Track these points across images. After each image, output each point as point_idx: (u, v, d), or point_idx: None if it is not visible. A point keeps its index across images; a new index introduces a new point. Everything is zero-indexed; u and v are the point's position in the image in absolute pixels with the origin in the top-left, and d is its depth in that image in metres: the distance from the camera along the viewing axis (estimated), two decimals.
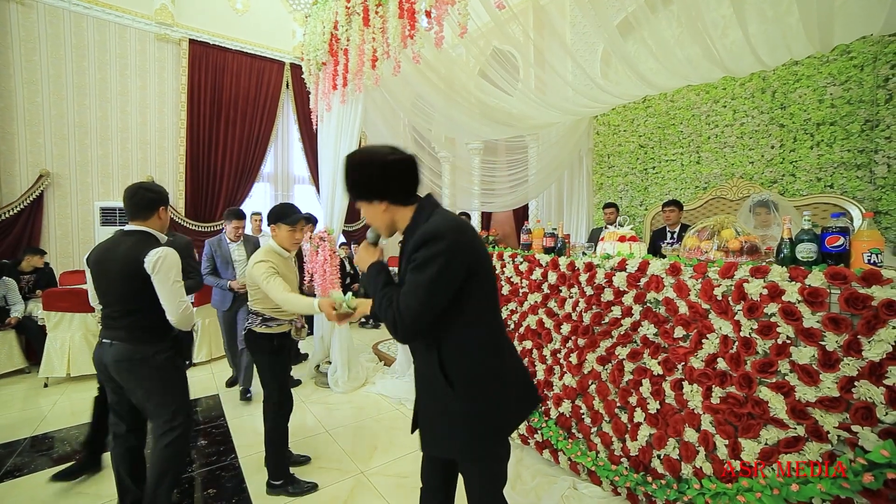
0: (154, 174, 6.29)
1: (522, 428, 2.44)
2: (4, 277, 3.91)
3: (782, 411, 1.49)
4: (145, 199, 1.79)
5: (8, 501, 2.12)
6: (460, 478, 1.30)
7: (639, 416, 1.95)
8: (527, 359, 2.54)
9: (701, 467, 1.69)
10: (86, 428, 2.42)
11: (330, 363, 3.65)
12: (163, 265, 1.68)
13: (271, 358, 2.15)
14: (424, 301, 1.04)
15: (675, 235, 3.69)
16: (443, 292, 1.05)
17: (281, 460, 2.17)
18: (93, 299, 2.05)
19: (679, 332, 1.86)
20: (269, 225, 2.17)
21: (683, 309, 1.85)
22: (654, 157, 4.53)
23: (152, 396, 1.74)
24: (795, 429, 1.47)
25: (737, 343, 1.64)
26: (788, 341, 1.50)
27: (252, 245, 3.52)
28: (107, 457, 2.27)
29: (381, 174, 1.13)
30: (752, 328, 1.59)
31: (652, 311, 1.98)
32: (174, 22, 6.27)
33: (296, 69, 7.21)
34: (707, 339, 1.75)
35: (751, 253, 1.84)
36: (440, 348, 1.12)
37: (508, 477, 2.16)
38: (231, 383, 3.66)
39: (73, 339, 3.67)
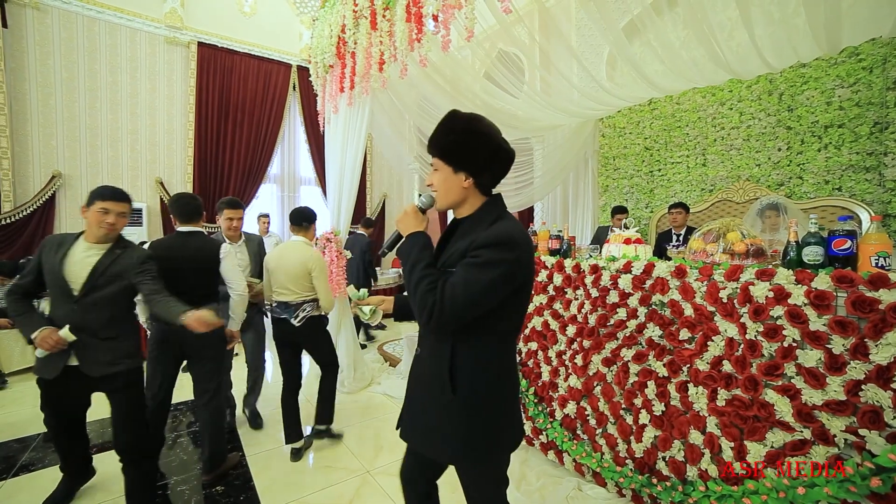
0: (163, 175, 6.38)
1: (528, 429, 2.45)
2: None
3: (788, 414, 1.49)
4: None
5: (23, 495, 2.16)
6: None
7: (644, 417, 1.95)
8: (532, 360, 2.55)
9: (706, 469, 1.69)
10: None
11: None
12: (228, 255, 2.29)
13: (327, 332, 2.69)
14: (475, 301, 0.98)
15: (681, 238, 3.68)
16: (493, 299, 1.00)
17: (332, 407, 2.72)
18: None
19: (684, 334, 1.86)
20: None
21: (689, 311, 1.85)
22: (659, 159, 4.53)
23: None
24: (802, 432, 1.47)
25: (742, 345, 1.64)
26: (794, 344, 1.50)
27: (256, 245, 2.93)
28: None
29: (488, 153, 1.07)
30: (757, 331, 1.59)
31: (657, 314, 1.98)
32: (183, 25, 6.35)
33: (302, 71, 7.27)
34: (712, 341, 1.75)
35: (757, 256, 1.84)
36: (454, 350, 1.07)
37: (513, 477, 2.19)
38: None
39: None
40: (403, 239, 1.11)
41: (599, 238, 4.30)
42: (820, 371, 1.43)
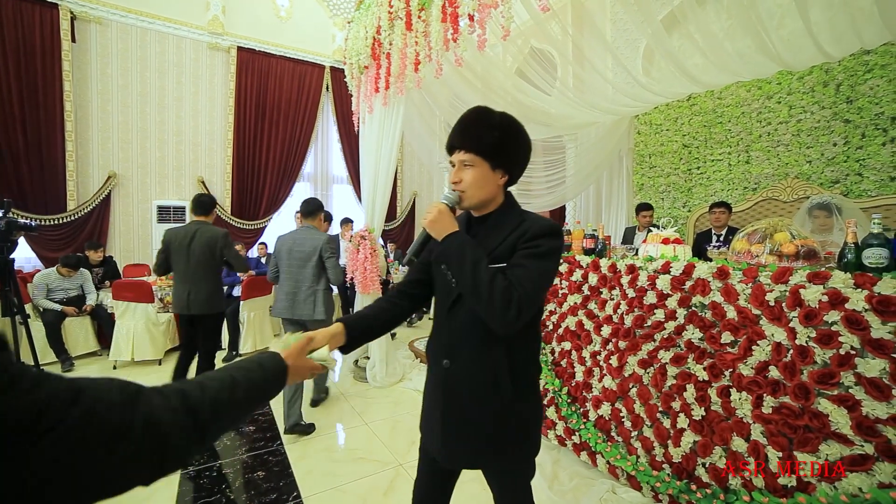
0: (204, 175, 6.71)
1: (560, 429, 2.43)
2: (82, 269, 4.32)
3: (846, 426, 1.41)
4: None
5: None
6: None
7: (682, 421, 1.90)
8: (565, 360, 2.53)
9: (751, 479, 1.64)
10: None
11: (368, 358, 3.77)
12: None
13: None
14: (542, 290, 0.99)
15: (722, 238, 3.54)
16: (549, 287, 1.03)
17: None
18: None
19: (727, 337, 1.80)
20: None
21: (732, 314, 1.79)
22: (699, 156, 4.36)
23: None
24: (863, 446, 1.38)
25: (791, 351, 1.57)
26: (853, 352, 1.42)
27: None
28: None
29: (525, 151, 1.08)
30: (809, 336, 1.52)
31: (697, 315, 1.93)
32: (224, 31, 6.65)
33: (335, 72, 7.46)
34: (758, 345, 1.68)
35: (808, 258, 1.75)
36: (511, 348, 1.04)
37: (545, 477, 2.18)
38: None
39: (137, 326, 3.99)
40: (445, 239, 1.01)
41: (627, 238, 4.18)
42: (884, 382, 1.35)
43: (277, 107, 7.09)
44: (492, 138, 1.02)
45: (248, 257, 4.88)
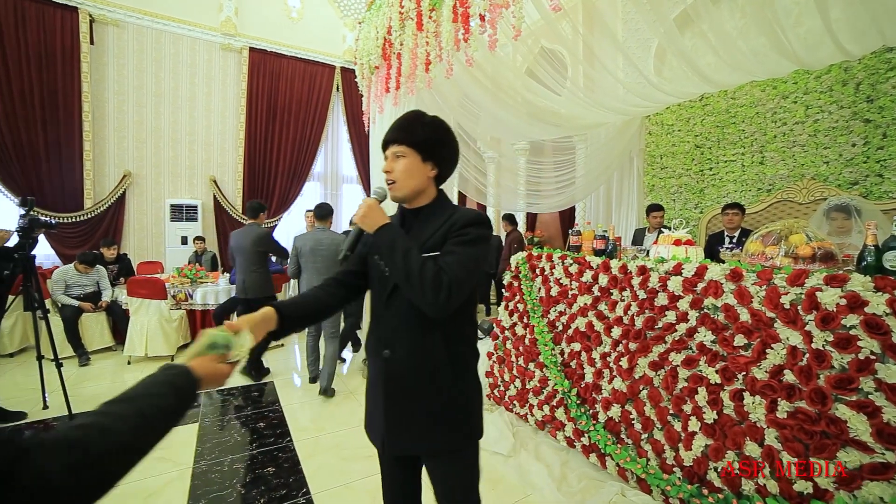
0: (216, 174, 6.80)
1: (569, 430, 2.42)
2: (98, 265, 4.41)
3: (866, 433, 1.38)
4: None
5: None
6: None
7: (693, 425, 1.88)
8: (574, 361, 2.51)
9: (765, 485, 1.61)
10: None
11: None
12: None
13: None
14: (471, 273, 1.04)
15: (735, 240, 3.48)
16: (477, 271, 1.08)
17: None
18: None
19: (740, 340, 1.78)
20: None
21: (745, 316, 1.76)
22: (711, 157, 4.30)
23: None
24: (884, 454, 1.35)
25: (807, 355, 1.55)
26: (873, 357, 1.39)
27: None
28: None
29: (454, 148, 1.18)
30: (826, 340, 1.49)
31: (709, 318, 1.90)
32: (236, 32, 6.74)
33: (346, 73, 7.51)
34: (772, 349, 1.66)
35: (825, 260, 1.72)
36: (448, 333, 1.10)
37: (554, 478, 2.17)
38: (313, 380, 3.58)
39: (150, 322, 4.06)
40: (377, 232, 1.06)
41: (637, 240, 4.14)
42: None
43: (288, 107, 7.16)
44: (423, 133, 1.11)
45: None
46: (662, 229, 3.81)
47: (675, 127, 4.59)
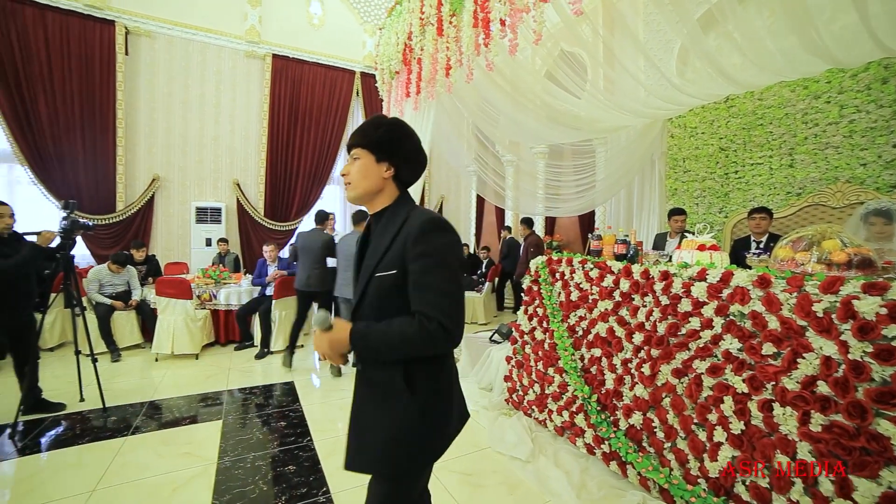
0: (239, 177, 7.00)
1: (589, 437, 2.39)
2: (129, 266, 4.59)
3: None
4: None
5: (142, 451, 2.53)
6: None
7: (719, 435, 1.83)
8: (595, 367, 2.48)
9: (798, 501, 1.55)
10: (195, 398, 2.82)
11: None
12: None
13: None
14: (454, 293, 1.00)
15: (762, 245, 3.38)
16: (460, 282, 1.04)
17: None
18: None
19: (768, 348, 1.72)
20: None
21: (774, 324, 1.71)
22: (736, 160, 4.19)
23: None
24: None
25: (843, 366, 1.49)
26: None
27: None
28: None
29: (411, 149, 1.15)
30: (864, 351, 1.43)
31: (736, 325, 1.85)
32: (260, 39, 6.93)
33: (365, 78, 7.63)
34: (803, 358, 1.60)
35: (863, 267, 1.66)
36: None
37: (573, 486, 2.15)
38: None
39: (177, 322, 4.20)
40: (351, 347, 1.03)
41: (658, 245, 4.05)
42: None
43: (309, 112, 7.32)
44: (377, 134, 1.11)
45: (280, 257, 5.05)
46: (686, 234, 3.72)
47: (699, 129, 4.49)
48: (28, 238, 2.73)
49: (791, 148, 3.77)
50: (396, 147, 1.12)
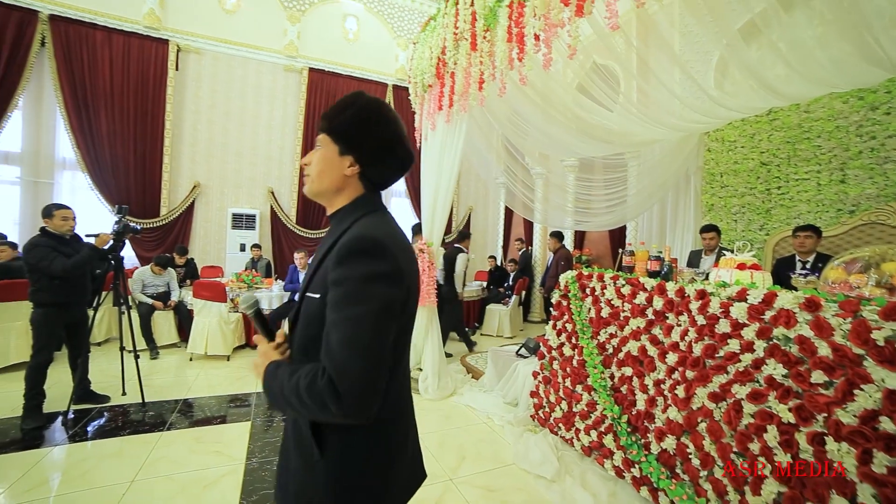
0: (274, 186, 7.27)
1: (618, 459, 2.30)
2: (169, 268, 4.85)
3: None
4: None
5: (177, 445, 2.64)
6: None
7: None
8: (626, 386, 2.40)
9: None
10: (225, 398, 2.91)
11: (421, 370, 3.82)
12: None
13: None
14: (373, 348, 0.72)
15: (808, 265, 3.19)
16: (390, 333, 0.76)
17: None
18: None
19: (818, 376, 1.61)
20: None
21: (824, 351, 1.60)
22: (780, 175, 4.00)
23: None
24: None
25: None
26: None
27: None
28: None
29: (384, 142, 0.90)
30: None
31: (780, 349, 1.74)
32: (298, 54, 7.25)
33: (397, 90, 7.81)
34: (861, 390, 1.48)
35: None
36: None
37: None
38: None
39: (211, 323, 4.37)
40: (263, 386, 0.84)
41: (692, 262, 3.89)
42: None
43: None
44: (342, 118, 0.88)
45: (311, 265, 5.23)
46: (723, 251, 3.56)
47: (738, 143, 4.32)
48: (87, 239, 2.94)
49: (843, 162, 3.56)
50: (363, 138, 0.88)
